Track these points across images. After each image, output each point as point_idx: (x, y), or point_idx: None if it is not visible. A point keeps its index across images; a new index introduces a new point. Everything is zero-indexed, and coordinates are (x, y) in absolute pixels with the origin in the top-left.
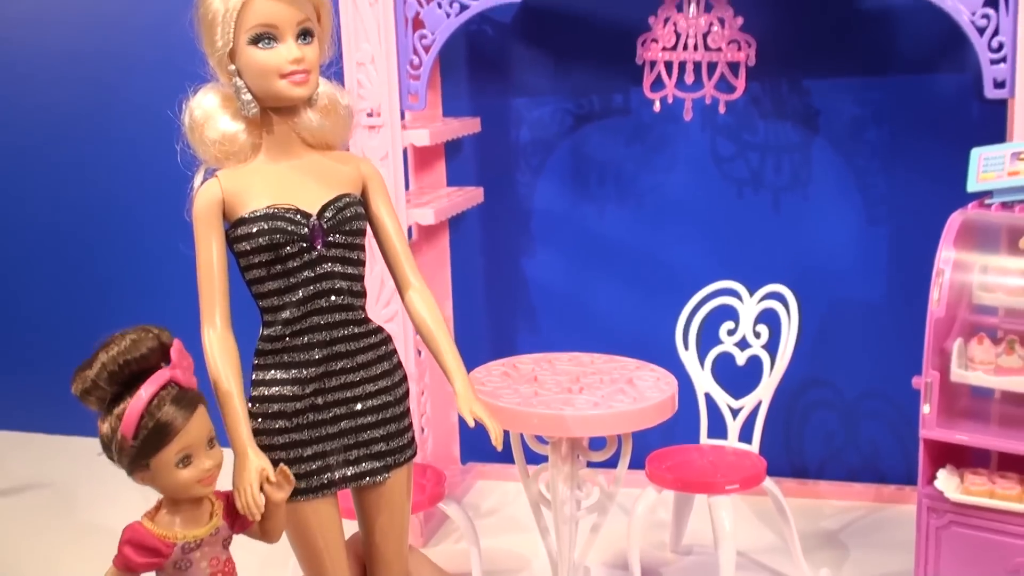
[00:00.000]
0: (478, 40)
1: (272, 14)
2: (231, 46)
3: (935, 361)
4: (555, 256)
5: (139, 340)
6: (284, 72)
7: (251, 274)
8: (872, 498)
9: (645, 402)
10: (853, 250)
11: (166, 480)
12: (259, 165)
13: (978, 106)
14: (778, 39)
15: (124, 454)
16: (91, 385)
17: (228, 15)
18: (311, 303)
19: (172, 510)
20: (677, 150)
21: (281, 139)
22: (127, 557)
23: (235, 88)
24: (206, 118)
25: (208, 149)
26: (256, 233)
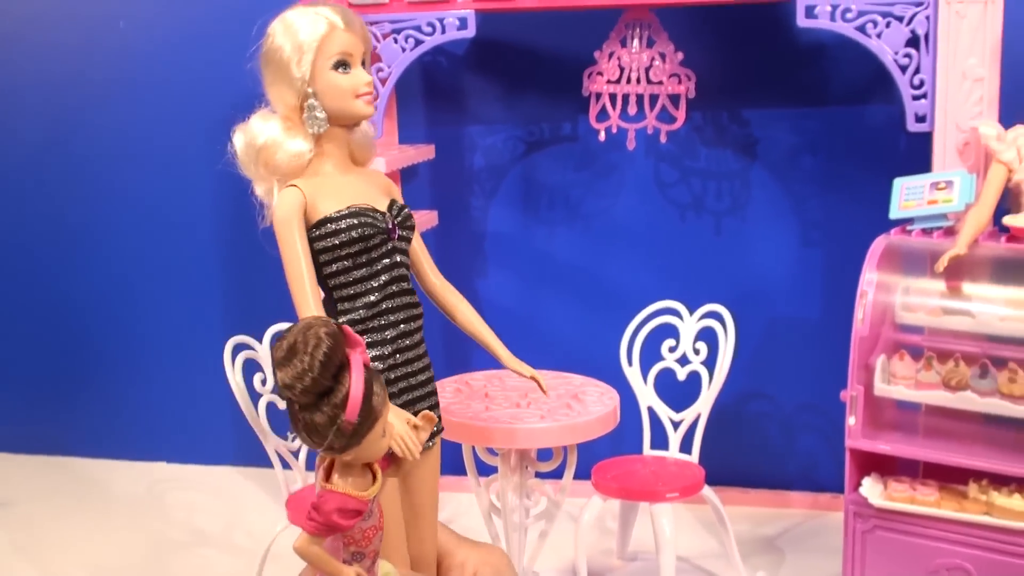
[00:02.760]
0: (433, 70)
1: (350, 44)
2: (312, 73)
3: (860, 376)
4: (507, 277)
5: (333, 333)
6: (359, 93)
7: (336, 266)
8: (808, 506)
9: (589, 415)
10: (789, 270)
11: (371, 448)
12: (326, 175)
13: (906, 136)
14: (719, 72)
15: (344, 435)
16: (311, 382)
17: (311, 45)
18: (388, 288)
19: (343, 474)
20: (623, 176)
21: (339, 154)
22: (336, 524)
23: (309, 108)
24: (275, 143)
25: (279, 167)
26: (347, 228)
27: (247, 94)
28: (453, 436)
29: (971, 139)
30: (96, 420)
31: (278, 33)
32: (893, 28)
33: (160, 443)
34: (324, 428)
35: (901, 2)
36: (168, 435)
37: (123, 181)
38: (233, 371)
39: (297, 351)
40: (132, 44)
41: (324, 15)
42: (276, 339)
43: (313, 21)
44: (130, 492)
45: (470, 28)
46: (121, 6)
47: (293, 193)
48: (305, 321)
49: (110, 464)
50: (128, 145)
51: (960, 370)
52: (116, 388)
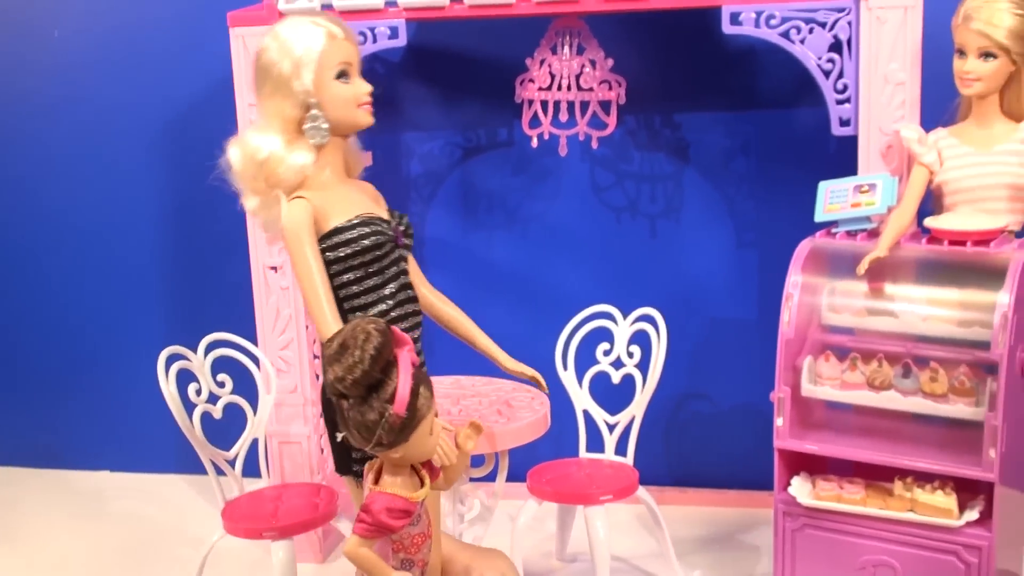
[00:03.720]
0: (369, 78)
1: (349, 53)
2: (315, 84)
3: (787, 377)
4: (446, 281)
5: (383, 331)
6: (361, 102)
7: (349, 275)
8: (745, 504)
9: (518, 421)
10: (724, 272)
11: (419, 446)
12: (328, 186)
13: (834, 138)
14: (651, 77)
15: (393, 429)
16: (362, 375)
17: (313, 57)
18: (398, 296)
19: (393, 476)
20: (559, 180)
21: (338, 164)
22: (385, 524)
23: (312, 119)
24: (278, 156)
25: (283, 180)
26: (359, 236)
27: (184, 102)
28: None
29: (894, 142)
30: (37, 430)
31: (273, 48)
32: (816, 34)
33: (103, 452)
34: (374, 424)
35: (824, 8)
36: (111, 444)
37: (59, 191)
38: (167, 381)
39: (348, 347)
40: (67, 54)
41: (323, 26)
42: (326, 341)
43: (312, 33)
44: (72, 501)
45: (401, 37)
46: (56, 15)
47: (302, 205)
48: (354, 321)
49: (52, 473)
50: (65, 155)
51: (883, 370)
52: (57, 397)
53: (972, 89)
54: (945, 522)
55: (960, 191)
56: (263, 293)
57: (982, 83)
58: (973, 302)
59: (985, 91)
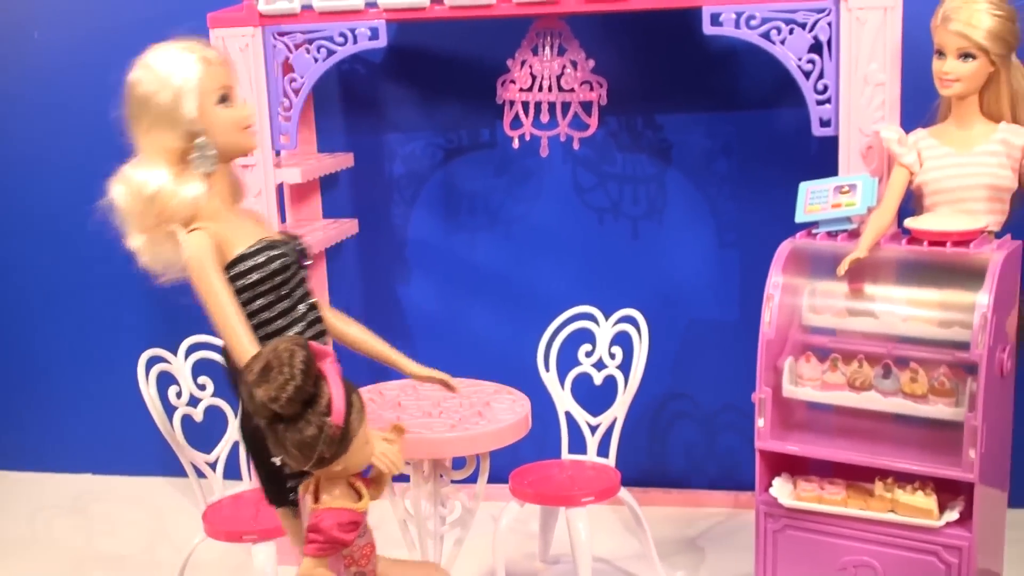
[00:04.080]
0: (351, 79)
1: (228, 77)
2: (198, 111)
3: (768, 378)
4: (429, 283)
5: (304, 345)
6: (246, 125)
7: (260, 301)
8: (730, 505)
9: (499, 424)
10: (707, 272)
11: (359, 455)
12: (221, 214)
13: (816, 139)
14: (632, 78)
15: (334, 443)
16: (295, 391)
17: (192, 83)
18: (308, 317)
19: (330, 492)
20: (541, 181)
21: (226, 192)
22: (338, 539)
23: (200, 147)
24: (168, 189)
25: (176, 214)
26: (266, 261)
27: None
28: None
29: (874, 143)
30: (20, 432)
31: (147, 80)
32: (796, 35)
33: (86, 455)
34: (313, 439)
35: (804, 9)
36: (94, 446)
37: (38, 193)
38: (147, 384)
39: (273, 367)
40: (48, 55)
41: (196, 51)
42: (244, 367)
43: (187, 60)
44: (55, 505)
45: (381, 38)
46: (36, 17)
47: (203, 235)
48: (271, 343)
49: (34, 476)
50: (45, 157)
51: (864, 371)
52: (40, 400)
53: (951, 90)
54: (925, 523)
55: (940, 192)
56: None
57: (961, 84)
58: (953, 303)
59: (964, 92)
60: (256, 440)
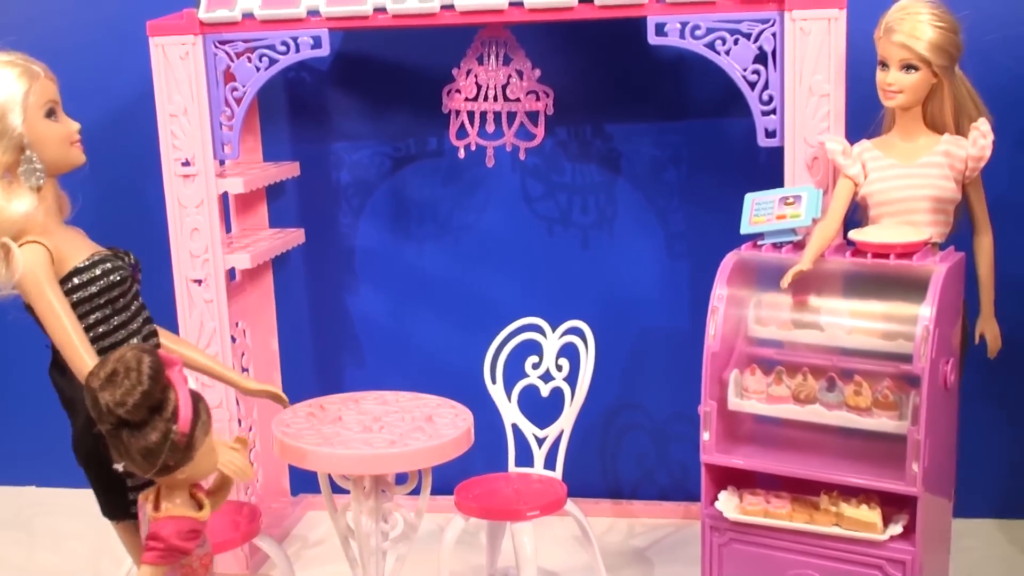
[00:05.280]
0: (297, 87)
1: (54, 91)
2: (24, 125)
3: (713, 391)
4: (377, 293)
5: (152, 352)
6: (74, 140)
7: (96, 315)
8: (681, 515)
9: (440, 439)
10: (656, 282)
11: (204, 463)
12: (52, 228)
13: (764, 149)
14: (580, 87)
15: (179, 448)
16: (142, 396)
17: (19, 97)
18: (144, 329)
19: (171, 500)
20: (490, 190)
21: (53, 206)
22: (178, 547)
23: (27, 161)
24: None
25: (7, 229)
26: (102, 274)
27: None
28: (305, 464)
29: (819, 154)
30: None
31: None
32: (741, 45)
33: (29, 466)
34: (157, 446)
35: (748, 19)
36: (38, 458)
37: None
38: None
39: (119, 372)
40: None
41: (20, 65)
42: (90, 373)
43: (11, 74)
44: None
45: (324, 47)
46: None
47: (37, 249)
48: (118, 349)
49: None
50: None
51: (808, 384)
52: None
53: (895, 101)
54: (870, 536)
55: (884, 203)
56: (186, 306)
57: (904, 95)
58: (896, 315)
59: (907, 103)
60: (95, 452)
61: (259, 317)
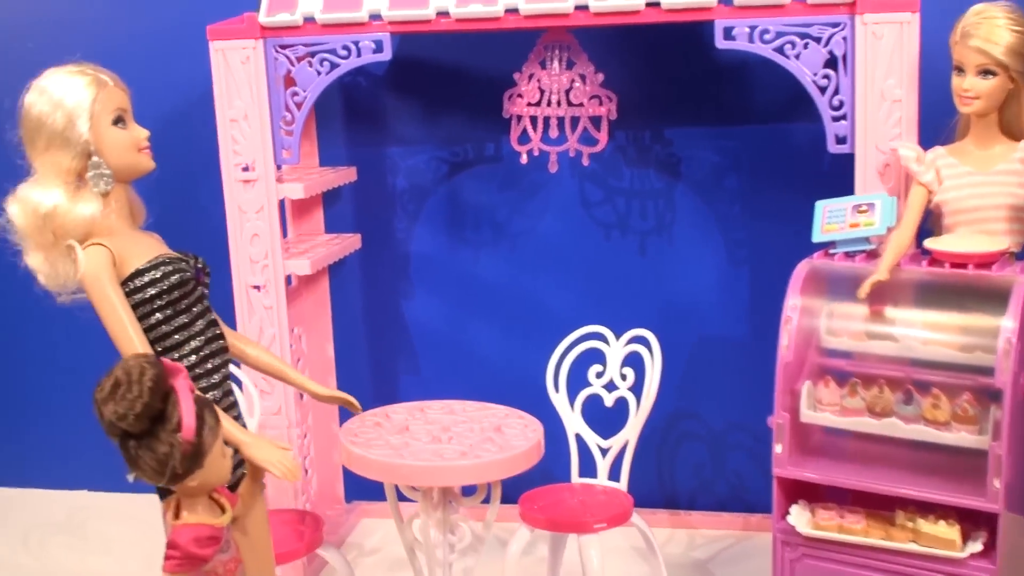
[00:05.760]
0: (353, 91)
1: (122, 99)
2: (92, 132)
3: (785, 402)
4: (433, 299)
5: (155, 362)
6: (142, 147)
7: (156, 317)
8: (740, 527)
9: (511, 450)
10: (716, 289)
11: (215, 470)
12: (119, 232)
13: (828, 155)
14: (641, 92)
15: (186, 458)
16: (143, 408)
17: (86, 104)
18: (207, 333)
19: (191, 508)
20: (547, 196)
21: (123, 210)
22: (195, 554)
23: (94, 167)
24: (63, 207)
25: (72, 231)
26: (163, 276)
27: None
28: (372, 475)
29: (891, 160)
30: (9, 446)
31: (41, 102)
32: (811, 49)
33: (81, 470)
34: (165, 456)
35: (819, 23)
36: (89, 462)
37: None
38: None
39: (121, 384)
40: (42, 67)
41: (90, 74)
42: (98, 386)
43: (80, 82)
44: (47, 522)
45: (386, 51)
46: (29, 27)
47: (100, 250)
48: (122, 360)
49: (25, 492)
50: None
51: (885, 396)
52: (37, 415)
53: (971, 107)
54: (949, 554)
55: (959, 212)
56: (246, 313)
57: (981, 101)
58: (975, 326)
59: (984, 109)
60: None
61: (315, 323)
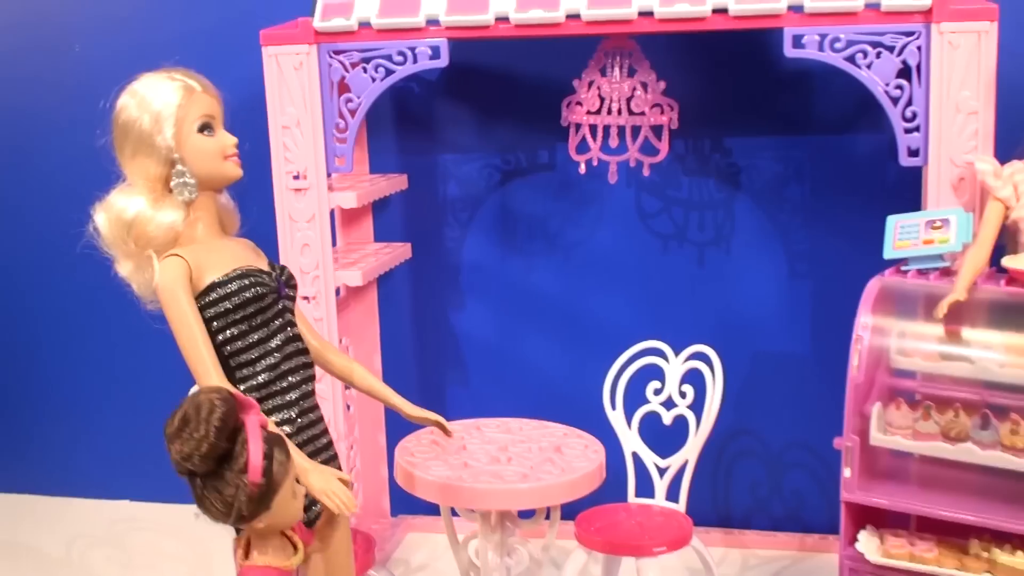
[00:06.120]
0: (405, 97)
1: (210, 106)
2: (177, 139)
3: (855, 424)
4: (484, 310)
5: (226, 398)
6: (228, 154)
7: (231, 332)
8: (796, 547)
9: (573, 473)
10: (775, 303)
11: (284, 512)
12: (202, 242)
13: (894, 167)
14: (701, 100)
15: (253, 501)
16: (209, 448)
17: (172, 111)
18: (286, 349)
19: (262, 547)
20: (603, 205)
21: (211, 219)
22: None
23: (178, 175)
24: (145, 215)
25: (153, 239)
26: (239, 289)
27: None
28: (432, 498)
29: (966, 174)
30: (51, 455)
31: (131, 106)
32: (884, 59)
33: (122, 480)
34: (231, 498)
35: (892, 31)
36: (132, 471)
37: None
38: None
39: (189, 421)
40: (87, 70)
41: (180, 80)
42: (169, 419)
43: (169, 87)
44: (87, 533)
45: (443, 57)
46: (75, 29)
47: (176, 261)
48: (193, 392)
49: (66, 502)
50: (85, 176)
51: (960, 421)
52: (73, 422)
53: None
54: None
55: None
56: None
57: None
58: None
59: None
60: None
61: (363, 334)
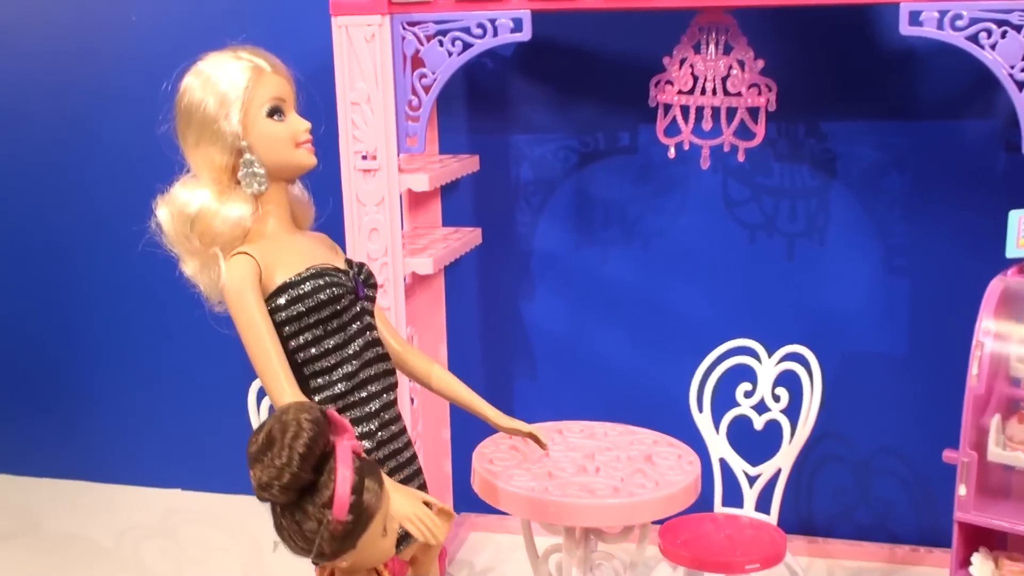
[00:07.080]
0: (477, 73)
1: (280, 88)
2: (244, 125)
3: (972, 439)
4: (555, 300)
5: (316, 420)
6: (300, 141)
7: (304, 337)
8: (885, 558)
9: (668, 487)
10: (870, 301)
11: (371, 551)
12: (272, 238)
13: (1005, 156)
14: (796, 80)
15: (336, 539)
16: (290, 479)
17: (239, 92)
18: (365, 355)
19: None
20: (686, 192)
21: (282, 213)
22: None
23: (246, 165)
24: (210, 209)
25: (219, 236)
26: (312, 291)
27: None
28: (516, 511)
29: None
30: (104, 442)
31: (195, 88)
32: (1010, 39)
33: (175, 469)
34: (312, 533)
35: (1020, 9)
36: (184, 460)
37: (141, 189)
38: (257, 414)
39: (274, 443)
40: (145, 41)
41: (246, 59)
42: (251, 436)
43: (235, 67)
44: (140, 521)
45: (525, 31)
46: None
47: (244, 261)
48: (281, 408)
49: (119, 489)
50: (144, 149)
51: None
52: (129, 410)
53: None
54: None
55: None
56: None
57: None
58: None
59: None
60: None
61: (429, 323)
